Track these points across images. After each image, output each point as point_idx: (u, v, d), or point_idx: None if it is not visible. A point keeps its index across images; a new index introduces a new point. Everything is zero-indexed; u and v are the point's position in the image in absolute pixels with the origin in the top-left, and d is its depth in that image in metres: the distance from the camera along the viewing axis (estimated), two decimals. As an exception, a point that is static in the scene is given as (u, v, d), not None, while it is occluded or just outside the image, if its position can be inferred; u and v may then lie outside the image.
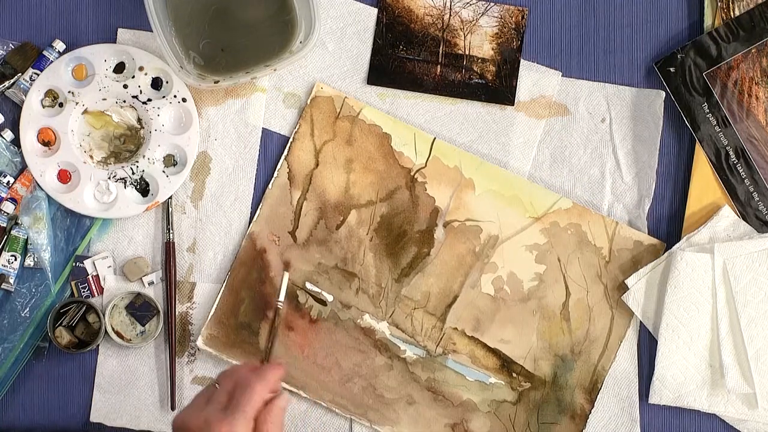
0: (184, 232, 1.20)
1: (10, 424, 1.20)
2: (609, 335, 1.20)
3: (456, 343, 1.20)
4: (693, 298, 1.17)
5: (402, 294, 1.20)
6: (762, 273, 1.16)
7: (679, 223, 1.20)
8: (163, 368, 1.20)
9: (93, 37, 1.21)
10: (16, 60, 1.19)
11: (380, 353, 1.19)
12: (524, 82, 1.21)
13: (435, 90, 1.21)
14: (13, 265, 1.18)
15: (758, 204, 1.18)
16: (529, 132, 1.21)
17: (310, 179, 1.20)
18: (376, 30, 1.21)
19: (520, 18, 1.21)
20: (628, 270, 1.20)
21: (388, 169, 1.20)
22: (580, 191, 1.21)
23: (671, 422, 1.21)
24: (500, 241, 1.20)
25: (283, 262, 1.19)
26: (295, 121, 1.21)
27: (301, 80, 1.21)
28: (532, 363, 1.20)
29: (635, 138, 1.21)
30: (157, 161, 1.19)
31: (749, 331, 1.16)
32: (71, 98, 1.18)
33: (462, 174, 1.20)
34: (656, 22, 1.22)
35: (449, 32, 1.21)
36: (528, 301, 1.20)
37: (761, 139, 1.18)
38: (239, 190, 1.21)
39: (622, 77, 1.22)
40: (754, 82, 1.18)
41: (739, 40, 1.18)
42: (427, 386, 1.19)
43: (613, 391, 1.20)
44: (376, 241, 1.20)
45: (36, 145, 1.19)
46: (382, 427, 1.19)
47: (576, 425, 1.19)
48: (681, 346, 1.17)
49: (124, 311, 1.19)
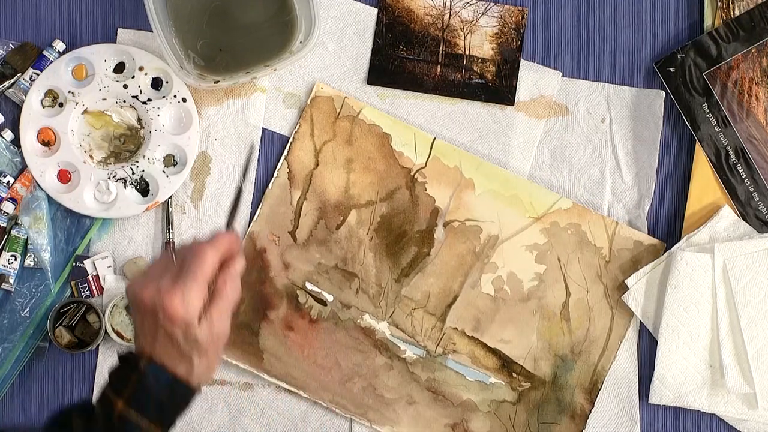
0: (184, 232, 1.20)
1: (10, 424, 1.20)
2: (609, 335, 1.20)
3: (456, 343, 1.20)
4: (693, 298, 1.17)
5: (402, 294, 1.20)
6: (762, 273, 1.16)
7: (679, 223, 1.20)
8: (163, 368, 1.20)
9: (93, 37, 1.21)
10: (16, 60, 1.19)
11: (380, 353, 1.19)
12: (524, 82, 1.21)
13: (435, 90, 1.21)
14: (13, 265, 1.18)
15: (758, 204, 1.18)
16: (529, 132, 1.21)
17: (310, 179, 1.20)
18: (376, 30, 1.21)
19: (520, 18, 1.21)
20: (628, 270, 1.20)
21: (388, 169, 1.20)
22: (580, 191, 1.21)
23: (671, 422, 1.21)
24: (500, 241, 1.20)
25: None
26: (295, 121, 1.21)
27: (301, 80, 1.21)
28: (532, 363, 1.20)
29: (635, 138, 1.21)
30: (157, 161, 1.19)
31: (749, 331, 1.16)
32: (71, 98, 1.18)
33: (462, 174, 1.20)
34: (656, 22, 1.22)
35: (449, 32, 1.21)
36: (528, 301, 1.20)
37: (761, 139, 1.18)
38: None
39: (622, 77, 1.22)
40: (754, 82, 1.18)
41: (739, 40, 1.18)
42: (427, 386, 1.19)
43: (613, 391, 1.20)
44: (376, 241, 1.20)
45: (36, 145, 1.19)
46: (382, 427, 1.19)
47: (576, 425, 1.19)
48: (681, 346, 1.17)
49: (124, 311, 1.19)
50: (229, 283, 0.95)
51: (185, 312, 0.92)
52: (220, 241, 0.95)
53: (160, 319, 0.92)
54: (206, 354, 0.95)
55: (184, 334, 0.92)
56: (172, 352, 0.94)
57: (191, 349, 0.93)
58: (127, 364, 0.94)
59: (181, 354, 0.93)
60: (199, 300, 0.93)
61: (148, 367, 0.93)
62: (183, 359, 0.94)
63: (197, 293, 0.92)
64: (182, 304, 0.91)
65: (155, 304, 0.92)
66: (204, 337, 0.93)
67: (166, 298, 0.92)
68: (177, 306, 0.91)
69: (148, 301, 0.92)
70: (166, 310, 0.91)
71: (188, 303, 0.92)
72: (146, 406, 0.93)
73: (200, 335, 0.93)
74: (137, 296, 0.93)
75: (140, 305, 0.93)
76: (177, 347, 0.93)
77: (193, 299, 0.92)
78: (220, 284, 0.95)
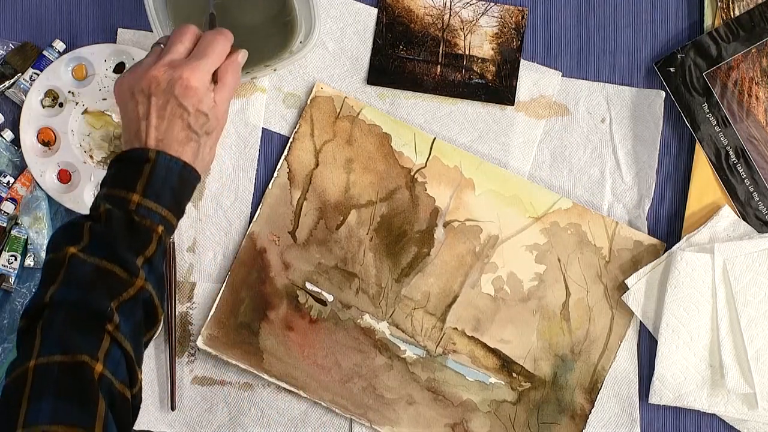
0: (184, 232, 1.20)
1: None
2: (609, 335, 1.20)
3: (456, 343, 1.20)
4: (693, 298, 1.17)
5: (402, 294, 1.20)
6: (762, 273, 1.16)
7: (679, 223, 1.20)
8: (163, 368, 1.20)
9: (93, 37, 1.21)
10: (16, 60, 1.19)
11: (380, 353, 1.19)
12: (524, 82, 1.21)
13: (435, 90, 1.21)
14: (13, 265, 1.18)
15: (758, 204, 1.18)
16: (529, 132, 1.21)
17: (310, 179, 1.20)
18: (376, 30, 1.21)
19: (520, 18, 1.21)
20: (628, 270, 1.20)
21: (388, 169, 1.20)
22: (580, 191, 1.21)
23: (671, 422, 1.21)
24: (500, 241, 1.20)
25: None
26: (295, 121, 1.21)
27: (301, 80, 1.21)
28: (532, 363, 1.20)
29: (635, 138, 1.21)
30: (157, 161, 1.19)
31: (749, 331, 1.16)
32: (71, 98, 1.18)
33: (462, 174, 1.20)
34: (656, 22, 1.22)
35: (449, 32, 1.21)
36: (528, 301, 1.20)
37: (761, 139, 1.18)
38: (239, 190, 1.21)
39: (622, 77, 1.22)
40: (754, 82, 1.18)
41: (739, 40, 1.18)
42: (427, 386, 1.19)
43: (613, 391, 1.20)
44: (376, 241, 1.20)
45: (36, 145, 1.19)
46: (382, 427, 1.19)
47: (576, 425, 1.19)
48: (681, 346, 1.17)
49: (124, 311, 1.19)
50: (230, 70, 1.01)
51: (201, 84, 0.96)
52: (224, 33, 1.01)
53: (176, 94, 0.95)
54: (211, 136, 0.98)
55: (196, 112, 0.96)
56: (180, 134, 0.96)
57: (201, 127, 0.97)
58: (130, 161, 0.95)
59: (188, 135, 0.96)
60: (209, 79, 0.98)
61: (158, 155, 0.94)
62: (189, 142, 0.97)
63: (207, 73, 0.98)
64: (200, 79, 0.96)
65: (172, 78, 0.95)
66: (212, 117, 0.97)
67: (186, 70, 0.96)
68: (196, 77, 0.96)
69: (162, 76, 0.96)
70: (185, 83, 0.95)
71: (204, 79, 0.97)
72: (161, 195, 0.94)
73: (211, 113, 0.97)
74: (144, 78, 0.96)
75: (149, 85, 0.96)
76: (188, 127, 0.96)
77: (208, 75, 0.98)
78: (222, 71, 1.00)
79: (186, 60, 0.98)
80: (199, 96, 0.97)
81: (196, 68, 0.97)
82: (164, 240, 0.95)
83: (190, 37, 1.01)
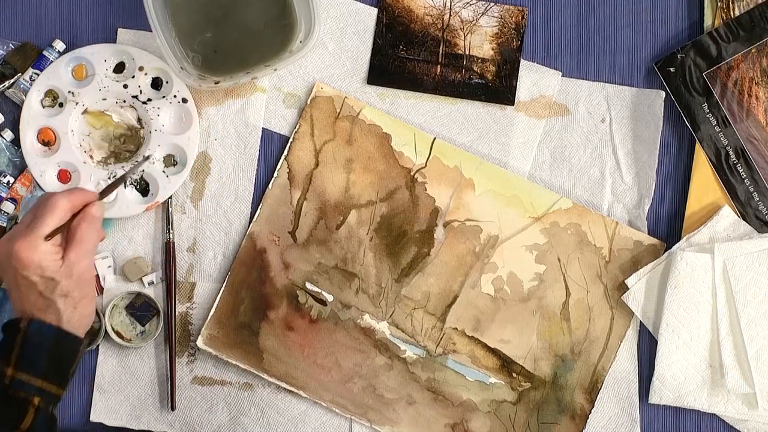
0: (184, 232, 1.20)
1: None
2: (609, 335, 1.20)
3: (456, 343, 1.20)
4: (693, 298, 1.17)
5: (402, 294, 1.20)
6: (762, 273, 1.16)
7: (679, 223, 1.20)
8: (163, 368, 1.20)
9: (93, 37, 1.21)
10: (16, 60, 1.19)
11: (380, 353, 1.19)
12: (524, 82, 1.21)
13: (435, 90, 1.21)
14: (13, 265, 1.18)
15: (758, 204, 1.18)
16: (529, 132, 1.21)
17: (310, 179, 1.20)
18: (376, 30, 1.21)
19: (520, 18, 1.21)
20: (628, 270, 1.20)
21: (388, 169, 1.20)
22: (580, 191, 1.21)
23: (671, 422, 1.21)
24: (500, 241, 1.20)
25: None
26: (295, 121, 1.21)
27: (301, 80, 1.21)
28: (532, 363, 1.20)
29: (635, 138, 1.21)
30: (157, 161, 1.19)
31: (749, 331, 1.16)
32: (71, 98, 1.18)
33: (462, 174, 1.20)
34: (656, 22, 1.22)
35: (449, 32, 1.21)
36: (528, 301, 1.20)
37: (761, 139, 1.18)
38: (239, 190, 1.21)
39: (622, 77, 1.22)
40: (754, 82, 1.18)
41: (739, 40, 1.18)
42: (427, 386, 1.19)
43: (613, 391, 1.20)
44: (376, 241, 1.20)
45: (36, 145, 1.19)
46: (382, 427, 1.19)
47: (576, 425, 1.19)
48: (681, 346, 1.17)
49: (124, 311, 1.19)
50: (83, 224, 0.98)
51: (35, 255, 0.94)
52: (73, 194, 0.98)
53: (17, 269, 0.94)
54: (71, 296, 0.96)
55: (41, 279, 0.94)
56: (37, 301, 0.96)
57: (52, 292, 0.95)
58: (8, 331, 0.95)
59: (45, 301, 0.95)
60: (50, 244, 0.95)
61: (29, 324, 0.95)
62: (49, 306, 0.95)
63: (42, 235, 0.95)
64: (31, 247, 0.94)
65: (9, 254, 0.94)
66: (63, 278, 0.95)
67: (16, 245, 0.94)
68: (26, 250, 0.94)
69: (2, 250, 0.95)
70: (17, 255, 0.94)
71: (37, 246, 0.94)
72: (35, 364, 0.94)
73: (58, 276, 0.95)
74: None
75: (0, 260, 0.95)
76: (39, 294, 0.95)
77: (42, 242, 0.95)
78: (75, 226, 0.97)
79: (21, 229, 0.96)
80: (36, 263, 0.94)
81: (26, 237, 0.95)
82: (46, 409, 0.94)
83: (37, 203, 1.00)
